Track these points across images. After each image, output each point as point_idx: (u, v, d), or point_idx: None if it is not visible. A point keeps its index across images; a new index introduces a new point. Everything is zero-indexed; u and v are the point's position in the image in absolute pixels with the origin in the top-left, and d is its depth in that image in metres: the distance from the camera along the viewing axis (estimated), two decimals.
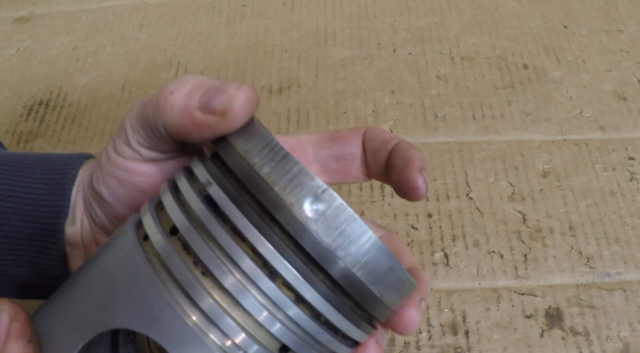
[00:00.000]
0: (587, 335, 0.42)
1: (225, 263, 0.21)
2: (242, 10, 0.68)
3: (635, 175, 0.51)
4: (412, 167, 0.27)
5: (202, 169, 0.24)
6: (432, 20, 0.65)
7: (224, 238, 0.21)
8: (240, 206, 0.22)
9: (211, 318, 0.21)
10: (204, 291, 0.21)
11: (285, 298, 0.21)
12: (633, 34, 0.62)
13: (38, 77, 0.63)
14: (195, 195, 0.23)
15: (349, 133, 0.31)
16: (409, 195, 0.28)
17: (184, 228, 0.22)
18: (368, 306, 0.23)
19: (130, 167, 0.28)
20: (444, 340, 0.42)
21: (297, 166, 0.22)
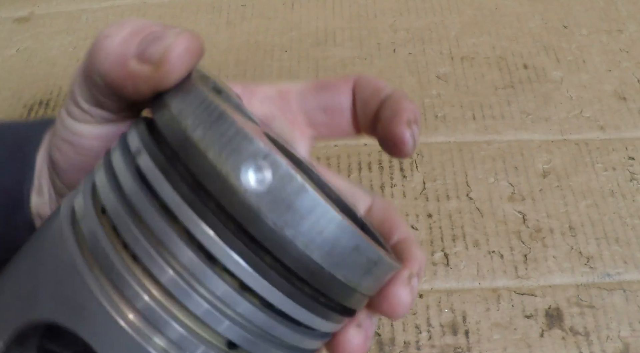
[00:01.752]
0: (587, 335, 0.42)
1: (161, 252, 0.18)
2: (242, 10, 0.68)
3: (635, 175, 0.51)
4: (400, 119, 0.24)
5: (135, 134, 0.20)
6: (432, 20, 0.65)
7: (156, 221, 0.18)
8: (170, 178, 0.18)
9: (149, 319, 0.18)
10: (139, 288, 0.18)
11: (227, 287, 0.18)
12: (633, 34, 0.62)
13: (38, 77, 0.63)
14: (125, 166, 0.19)
15: (338, 82, 0.28)
16: (394, 150, 0.25)
17: (111, 206, 0.19)
18: (333, 294, 0.19)
19: (82, 130, 0.25)
20: (444, 340, 0.42)
21: (233, 127, 0.18)
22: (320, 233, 0.18)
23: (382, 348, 0.42)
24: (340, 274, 0.19)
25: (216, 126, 0.18)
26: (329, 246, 0.18)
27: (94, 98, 0.24)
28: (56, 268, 0.19)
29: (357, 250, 0.19)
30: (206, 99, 0.19)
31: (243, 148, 0.18)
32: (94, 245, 0.19)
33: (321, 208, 0.18)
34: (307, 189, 0.18)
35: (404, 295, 0.22)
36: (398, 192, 0.50)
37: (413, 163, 0.52)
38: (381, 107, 0.26)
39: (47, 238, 0.20)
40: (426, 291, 0.45)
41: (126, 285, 0.18)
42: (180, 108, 0.19)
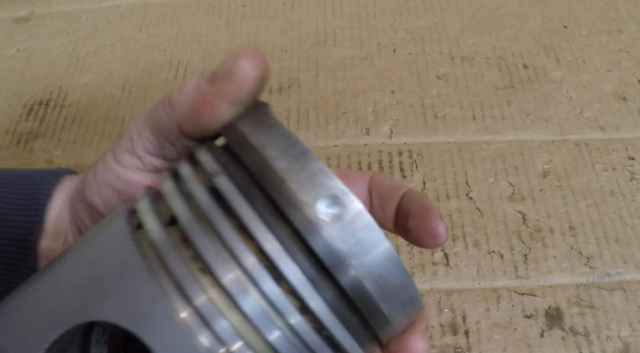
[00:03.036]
0: (587, 335, 0.42)
1: (228, 260, 0.19)
2: (242, 10, 0.68)
3: (635, 175, 0.51)
4: (433, 214, 0.27)
5: (209, 157, 0.22)
6: (432, 20, 0.65)
7: (228, 233, 0.20)
8: (249, 200, 0.20)
9: (205, 318, 0.19)
10: (200, 289, 0.19)
11: (289, 304, 0.20)
12: (633, 34, 0.62)
13: (38, 77, 0.63)
14: (200, 184, 0.21)
15: (355, 174, 0.30)
16: (429, 243, 0.27)
17: (184, 218, 0.20)
18: (373, 324, 0.21)
19: (129, 178, 0.27)
20: (444, 340, 0.42)
21: (317, 165, 0.20)
22: (378, 267, 0.20)
23: None
24: (384, 306, 0.21)
25: (300, 161, 0.20)
26: (382, 280, 0.20)
27: (159, 147, 0.26)
28: (120, 272, 0.20)
29: (404, 288, 0.21)
30: (291, 135, 0.21)
31: (324, 183, 0.20)
32: (162, 253, 0.20)
33: (384, 246, 0.20)
34: (375, 228, 0.20)
35: (422, 345, 0.24)
36: None
37: (413, 163, 0.52)
38: (405, 203, 0.29)
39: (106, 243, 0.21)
40: (426, 291, 0.45)
41: (190, 286, 0.19)
42: (262, 140, 0.21)
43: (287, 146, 0.21)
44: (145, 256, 0.20)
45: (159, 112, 0.25)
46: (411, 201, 0.28)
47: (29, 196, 0.30)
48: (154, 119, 0.26)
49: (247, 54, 0.23)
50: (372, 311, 0.21)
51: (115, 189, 0.27)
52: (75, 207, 0.29)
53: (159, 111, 0.25)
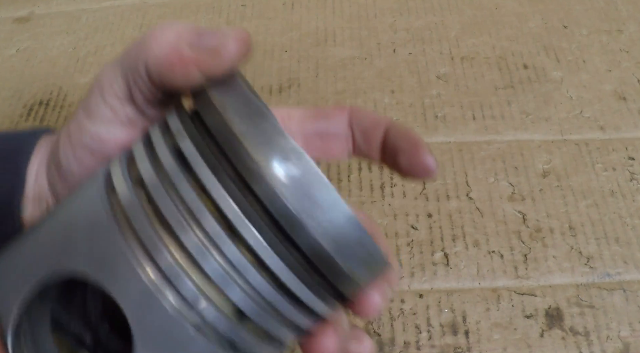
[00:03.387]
0: (587, 335, 0.42)
1: (188, 220, 0.20)
2: (242, 10, 0.68)
3: (635, 175, 0.51)
4: (423, 149, 0.27)
5: (176, 119, 0.22)
6: (432, 20, 0.65)
7: (188, 193, 0.20)
8: (209, 162, 0.21)
9: (168, 276, 0.20)
10: (163, 248, 0.20)
11: (246, 262, 0.20)
12: (633, 34, 0.62)
13: (38, 77, 0.63)
14: (166, 147, 0.22)
15: (334, 111, 0.31)
16: (421, 176, 0.28)
17: (150, 180, 0.21)
18: (335, 281, 0.22)
19: (103, 136, 0.27)
20: (444, 340, 0.42)
21: (269, 123, 0.21)
22: (333, 225, 0.20)
23: (382, 348, 0.42)
24: (343, 263, 0.21)
25: (256, 120, 0.21)
26: (339, 237, 0.21)
27: (126, 91, 0.25)
28: (91, 228, 0.21)
29: (361, 244, 0.21)
30: (249, 96, 0.22)
31: (278, 143, 0.20)
32: (128, 212, 0.21)
33: (338, 204, 0.20)
34: (328, 187, 0.20)
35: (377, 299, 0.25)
36: (398, 192, 0.50)
37: None
38: (391, 138, 0.29)
39: (84, 201, 0.22)
40: (426, 291, 0.45)
41: (154, 246, 0.20)
42: (223, 102, 0.22)
43: (246, 107, 0.21)
44: (115, 215, 0.21)
45: (130, 53, 0.25)
46: (398, 135, 0.29)
47: (7, 158, 0.29)
48: (123, 61, 0.25)
49: (237, 38, 0.23)
50: (330, 267, 0.21)
51: (89, 150, 0.27)
52: (51, 173, 0.29)
53: (130, 52, 0.25)
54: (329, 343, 0.24)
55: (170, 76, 0.24)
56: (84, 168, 0.27)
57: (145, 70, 0.24)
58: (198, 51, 0.23)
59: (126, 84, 0.26)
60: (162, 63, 0.24)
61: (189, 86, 0.24)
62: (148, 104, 0.26)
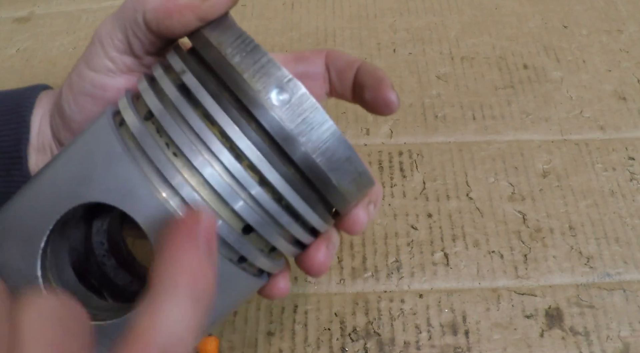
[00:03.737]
0: (587, 335, 0.42)
1: (195, 144, 0.23)
2: (242, 10, 0.68)
3: (635, 175, 0.51)
4: (385, 85, 0.30)
5: (177, 59, 0.25)
6: (432, 20, 0.65)
7: (195, 121, 0.23)
8: (211, 92, 0.23)
9: (180, 195, 0.22)
10: (174, 170, 0.22)
11: (250, 178, 0.23)
12: (633, 34, 0.62)
13: (38, 77, 0.63)
14: (170, 82, 0.24)
15: (312, 54, 0.33)
16: (383, 110, 0.30)
17: (158, 112, 0.23)
18: (327, 194, 0.25)
19: (103, 82, 0.28)
20: (444, 340, 0.42)
21: (265, 57, 0.23)
22: (324, 142, 0.23)
23: (382, 348, 0.42)
24: (334, 177, 0.24)
25: (251, 55, 0.23)
26: (329, 153, 0.23)
27: (126, 42, 0.27)
28: (107, 160, 0.23)
29: (349, 161, 0.24)
30: (243, 33, 0.24)
31: (273, 72, 0.23)
32: (140, 142, 0.23)
33: (327, 124, 0.23)
34: (318, 108, 0.23)
35: (362, 215, 0.27)
36: (398, 192, 0.50)
37: (413, 163, 0.52)
38: (360, 76, 0.31)
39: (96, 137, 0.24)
40: (426, 291, 0.45)
41: (170, 174, 0.22)
42: (220, 40, 0.24)
43: (240, 43, 0.24)
44: (128, 147, 0.23)
45: (126, 5, 0.27)
46: (366, 73, 0.31)
47: (11, 110, 0.31)
48: (120, 14, 0.27)
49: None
50: (322, 180, 0.24)
51: (91, 96, 0.29)
52: (55, 122, 0.30)
53: (126, 5, 0.27)
54: (321, 255, 0.27)
55: (168, 23, 0.26)
56: (85, 114, 0.29)
57: (144, 20, 0.26)
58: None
59: (125, 36, 0.27)
60: (160, 12, 0.25)
61: (187, 31, 0.26)
62: (146, 53, 0.28)
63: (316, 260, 0.27)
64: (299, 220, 0.25)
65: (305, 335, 0.43)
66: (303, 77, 0.33)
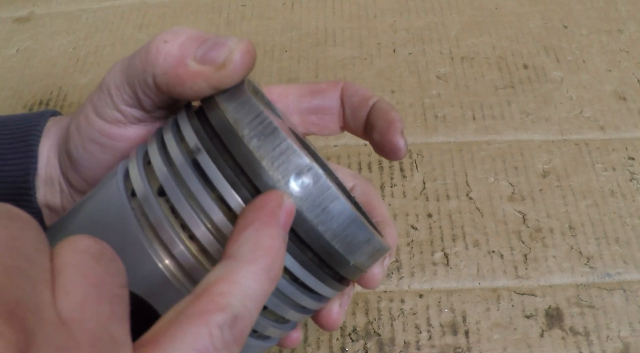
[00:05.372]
0: (587, 335, 0.42)
1: (212, 231, 0.22)
2: (242, 10, 0.68)
3: (635, 175, 0.51)
4: (394, 129, 0.29)
5: (191, 131, 0.24)
6: (432, 20, 0.65)
7: (212, 208, 0.22)
8: (228, 178, 0.22)
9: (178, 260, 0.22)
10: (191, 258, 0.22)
11: None
12: (633, 34, 0.62)
13: (38, 77, 0.63)
14: (184, 159, 0.23)
15: (328, 87, 0.32)
16: (390, 156, 0.29)
17: (172, 192, 0.23)
18: (342, 271, 0.25)
19: (113, 133, 0.28)
20: (444, 340, 0.42)
21: (285, 142, 0.22)
22: (344, 230, 0.23)
23: (382, 348, 0.42)
24: (353, 259, 0.24)
25: (270, 139, 0.22)
26: (348, 239, 0.23)
27: (135, 99, 0.27)
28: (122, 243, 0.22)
29: (368, 243, 0.24)
30: (262, 114, 0.23)
31: (292, 160, 0.22)
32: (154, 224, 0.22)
33: (347, 212, 0.23)
34: (338, 197, 0.22)
35: (378, 272, 0.27)
36: (398, 192, 0.50)
37: (413, 163, 0.52)
38: (372, 115, 0.30)
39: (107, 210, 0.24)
40: (426, 291, 0.45)
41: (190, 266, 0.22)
42: (236, 118, 0.23)
43: (258, 124, 0.23)
44: (141, 225, 0.23)
45: (136, 64, 0.26)
46: (378, 113, 0.30)
47: (18, 138, 0.30)
48: (129, 70, 0.26)
49: (242, 50, 0.24)
50: (342, 264, 0.24)
51: (99, 145, 0.28)
52: (63, 160, 0.30)
53: (136, 63, 0.26)
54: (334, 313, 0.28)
55: (179, 89, 0.25)
56: (94, 160, 0.28)
57: (154, 82, 0.25)
58: (204, 66, 0.24)
59: (134, 93, 0.26)
60: (170, 77, 0.24)
61: (199, 97, 0.25)
62: (156, 108, 0.27)
63: (330, 319, 0.28)
64: (313, 294, 0.25)
65: (305, 335, 0.43)
66: (318, 112, 0.32)
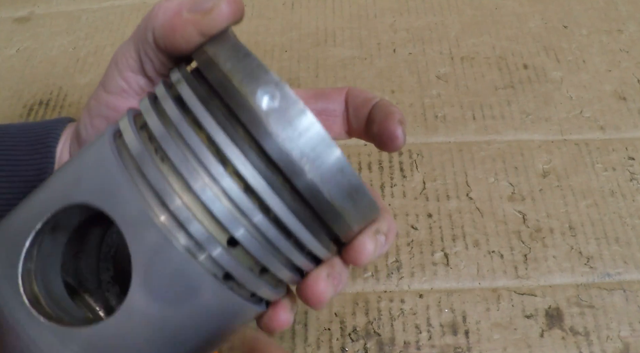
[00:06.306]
0: (587, 335, 0.42)
1: (197, 168, 0.22)
2: None
3: (635, 175, 0.51)
4: (392, 118, 0.29)
5: (176, 72, 0.25)
6: (432, 20, 0.65)
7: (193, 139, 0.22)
8: (210, 109, 0.23)
9: (180, 221, 0.22)
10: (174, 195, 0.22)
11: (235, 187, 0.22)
12: (633, 34, 0.62)
13: (38, 77, 0.63)
14: (168, 95, 0.24)
15: (333, 91, 0.33)
16: (388, 145, 0.29)
17: (157, 131, 0.23)
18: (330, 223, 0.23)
19: (118, 104, 0.29)
20: (444, 340, 0.42)
21: (255, 62, 0.23)
22: (313, 149, 0.22)
23: (382, 348, 0.42)
24: (325, 189, 0.22)
25: (242, 61, 0.23)
26: (318, 162, 0.22)
27: (139, 61, 0.28)
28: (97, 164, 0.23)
29: (341, 172, 0.22)
30: (236, 43, 0.24)
31: (260, 76, 0.22)
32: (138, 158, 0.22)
33: (315, 128, 0.22)
34: (306, 112, 0.22)
35: (368, 245, 0.25)
36: (398, 192, 0.50)
37: (413, 163, 0.52)
38: (372, 111, 0.31)
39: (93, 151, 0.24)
40: (426, 291, 0.45)
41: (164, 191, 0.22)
42: (215, 50, 0.24)
43: (234, 51, 0.23)
44: (125, 162, 0.23)
45: (140, 25, 0.28)
46: (378, 108, 0.30)
47: (38, 141, 0.32)
48: (136, 32, 0.28)
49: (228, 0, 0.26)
50: (312, 194, 0.22)
51: (105, 118, 0.30)
52: (73, 148, 0.32)
53: (140, 24, 0.28)
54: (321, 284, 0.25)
55: (172, 39, 0.26)
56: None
57: (153, 37, 0.27)
58: (194, 13, 0.26)
59: (138, 56, 0.28)
60: (166, 28, 0.26)
61: (190, 47, 0.26)
62: (157, 74, 0.29)
63: (316, 289, 0.25)
64: (298, 246, 0.24)
65: (305, 335, 0.43)
66: (322, 114, 0.32)
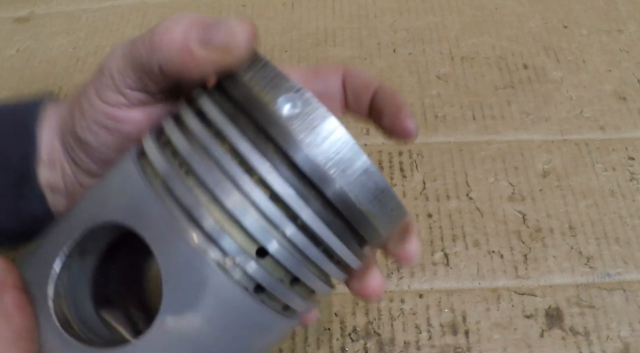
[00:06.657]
0: (587, 335, 0.42)
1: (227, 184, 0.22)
2: (242, 10, 0.68)
3: (635, 175, 0.51)
4: (405, 114, 0.29)
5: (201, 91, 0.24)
6: (432, 20, 0.65)
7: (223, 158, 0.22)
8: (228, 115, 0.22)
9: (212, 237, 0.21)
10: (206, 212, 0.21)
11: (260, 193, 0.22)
12: (633, 34, 0.62)
13: (38, 77, 0.63)
14: (189, 109, 0.24)
15: (328, 72, 0.33)
16: (400, 138, 0.30)
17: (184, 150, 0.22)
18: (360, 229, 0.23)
19: (117, 115, 0.28)
20: (444, 340, 0.42)
21: (274, 71, 0.23)
22: (337, 153, 0.22)
23: (382, 348, 0.42)
24: (351, 192, 0.22)
25: (262, 70, 0.23)
26: (343, 165, 0.22)
27: (140, 83, 0.27)
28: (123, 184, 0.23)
29: (366, 173, 0.22)
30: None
31: (280, 84, 0.22)
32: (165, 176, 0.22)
33: (338, 132, 0.22)
34: (328, 117, 0.22)
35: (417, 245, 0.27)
36: (398, 192, 0.50)
37: (413, 163, 0.52)
38: (378, 100, 0.31)
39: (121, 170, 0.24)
40: (426, 291, 0.45)
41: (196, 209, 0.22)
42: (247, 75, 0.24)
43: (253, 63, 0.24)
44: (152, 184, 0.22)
45: (139, 51, 0.26)
46: (384, 97, 0.31)
47: (16, 123, 0.30)
48: (133, 57, 0.26)
49: (245, 30, 0.24)
50: (337, 196, 0.22)
51: (105, 127, 0.28)
52: (67, 140, 0.30)
53: (139, 50, 0.26)
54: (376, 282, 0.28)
55: (187, 74, 0.25)
56: (101, 141, 0.28)
57: (160, 70, 0.25)
58: (209, 50, 0.24)
59: (138, 78, 0.26)
60: (176, 64, 0.25)
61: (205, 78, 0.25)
62: (160, 90, 0.27)
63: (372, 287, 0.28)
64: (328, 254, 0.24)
65: (305, 335, 0.43)
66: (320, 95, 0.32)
